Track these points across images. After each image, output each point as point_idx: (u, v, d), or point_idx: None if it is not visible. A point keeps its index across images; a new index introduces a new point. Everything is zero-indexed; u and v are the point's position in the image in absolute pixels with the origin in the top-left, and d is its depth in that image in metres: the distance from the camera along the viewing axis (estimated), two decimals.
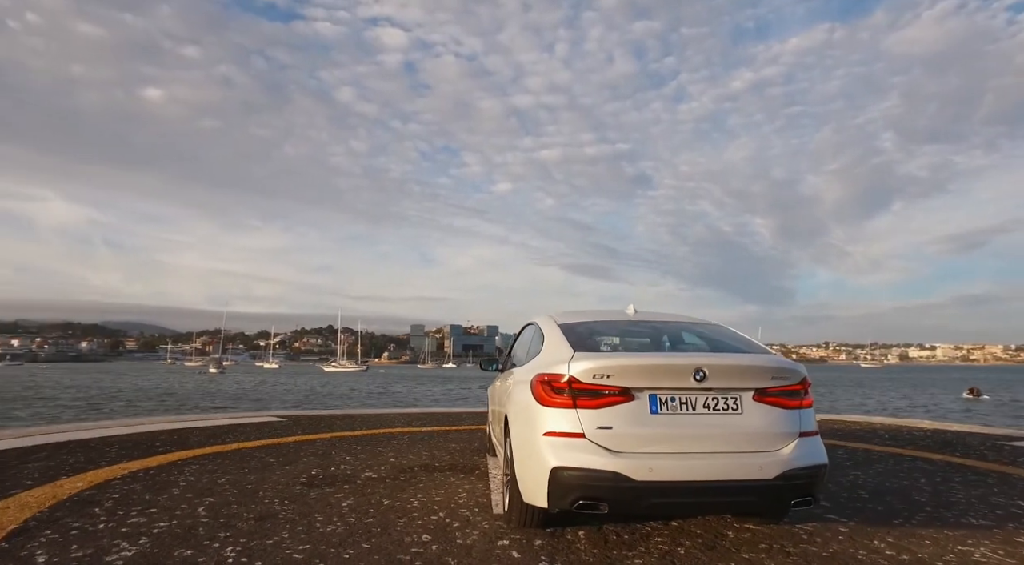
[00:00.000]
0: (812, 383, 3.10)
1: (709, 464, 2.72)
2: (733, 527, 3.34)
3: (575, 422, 2.77)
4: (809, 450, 2.88)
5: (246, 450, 5.83)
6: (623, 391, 2.80)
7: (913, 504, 3.94)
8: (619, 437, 2.75)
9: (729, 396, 2.85)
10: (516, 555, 2.82)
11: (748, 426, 2.83)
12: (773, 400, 2.89)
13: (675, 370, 2.83)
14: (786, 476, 2.76)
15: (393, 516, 3.50)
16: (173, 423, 8.08)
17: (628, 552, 2.88)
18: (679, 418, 2.80)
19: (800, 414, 2.94)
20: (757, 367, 2.94)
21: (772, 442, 2.83)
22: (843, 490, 4.35)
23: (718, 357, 3.00)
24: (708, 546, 2.99)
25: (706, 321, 3.79)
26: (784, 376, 2.93)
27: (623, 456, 2.71)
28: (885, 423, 9.46)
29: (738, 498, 2.80)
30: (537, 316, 3.96)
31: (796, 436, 2.89)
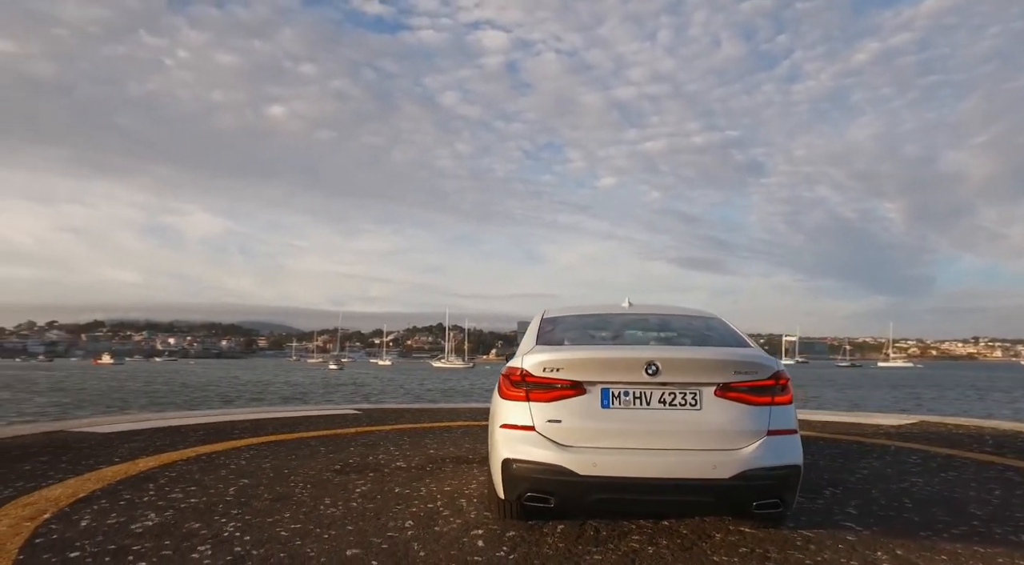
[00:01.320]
0: (791, 378, 2.88)
1: (659, 461, 2.63)
2: (725, 529, 3.18)
3: (527, 415, 2.80)
4: (777, 450, 2.69)
5: (306, 439, 6.32)
6: (574, 385, 2.77)
7: (961, 517, 3.52)
8: (568, 431, 2.73)
9: (687, 391, 2.74)
10: (481, 544, 2.90)
11: (707, 423, 2.70)
12: (737, 396, 2.73)
13: (626, 364, 2.76)
14: (746, 476, 2.60)
15: (394, 503, 3.68)
16: (260, 414, 8.89)
17: (593, 548, 2.85)
18: (631, 413, 2.73)
19: (771, 411, 2.75)
20: (717, 361, 2.79)
21: (734, 440, 2.68)
22: (886, 497, 3.97)
23: (672, 350, 2.90)
24: (683, 547, 2.89)
25: (703, 313, 3.62)
26: (749, 371, 2.76)
27: (570, 450, 2.70)
28: (1000, 428, 8.37)
29: (690, 498, 2.68)
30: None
31: (763, 434, 2.71)
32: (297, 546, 2.85)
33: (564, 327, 3.38)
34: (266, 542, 2.90)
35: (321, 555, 2.73)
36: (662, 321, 3.57)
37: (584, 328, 3.40)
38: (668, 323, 3.53)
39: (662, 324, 3.54)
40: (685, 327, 3.44)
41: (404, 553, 2.76)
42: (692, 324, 3.45)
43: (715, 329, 3.30)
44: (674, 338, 3.37)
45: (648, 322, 3.59)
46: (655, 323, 3.56)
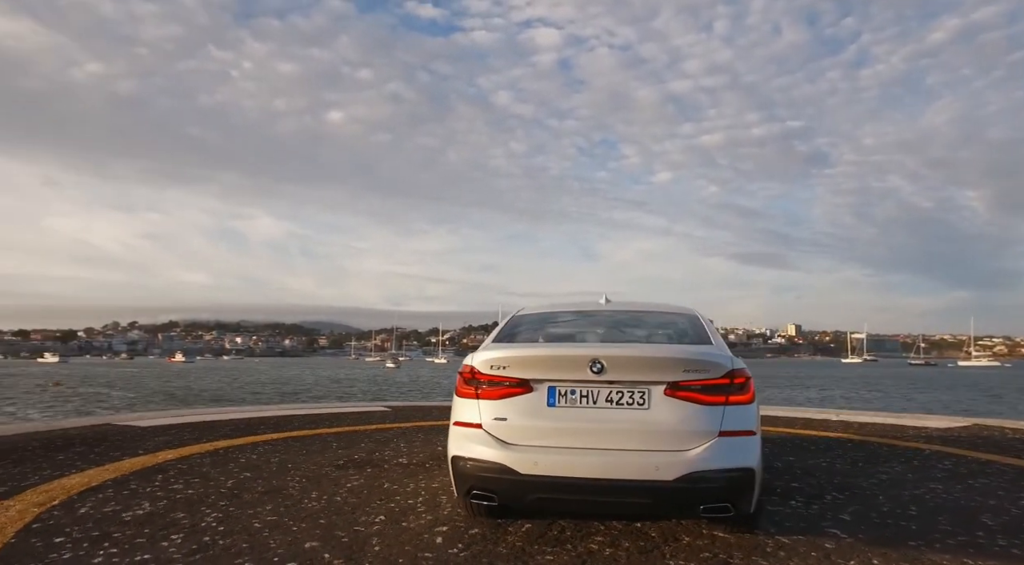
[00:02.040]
0: (753, 377, 2.75)
1: (601, 461, 2.55)
2: (698, 532, 3.07)
3: (475, 412, 2.79)
4: (729, 452, 2.57)
5: (323, 435, 6.51)
6: (521, 382, 2.74)
7: (966, 527, 3.28)
8: (513, 429, 2.71)
9: (635, 390, 2.65)
10: (439, 541, 2.91)
11: (654, 422, 2.60)
12: (687, 395, 2.62)
13: (572, 362, 2.70)
14: (691, 479, 2.50)
15: (376, 498, 3.75)
16: (292, 410, 9.21)
17: (550, 548, 2.82)
18: (577, 412, 2.67)
19: (724, 411, 2.62)
20: (665, 359, 2.69)
21: (682, 441, 2.58)
22: (891, 504, 3.74)
23: (618, 348, 2.80)
24: (644, 550, 2.81)
25: (680, 310, 3.49)
26: (700, 369, 2.64)
27: (513, 448, 2.67)
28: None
29: (631, 499, 2.59)
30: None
31: (714, 435, 2.59)
32: (263, 537, 2.95)
33: (527, 325, 3.34)
34: (236, 533, 3.02)
35: (281, 546, 2.81)
36: (631, 318, 3.48)
37: (546, 326, 3.35)
38: (635, 320, 3.44)
39: (629, 321, 3.44)
40: (652, 324, 3.35)
41: (360, 547, 2.81)
42: (660, 321, 3.35)
43: (683, 326, 3.18)
44: (634, 335, 3.28)
45: (615, 319, 3.50)
46: (621, 320, 3.47)
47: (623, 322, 3.45)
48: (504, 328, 3.26)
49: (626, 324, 3.43)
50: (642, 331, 3.29)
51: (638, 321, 3.43)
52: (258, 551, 2.75)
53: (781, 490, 4.12)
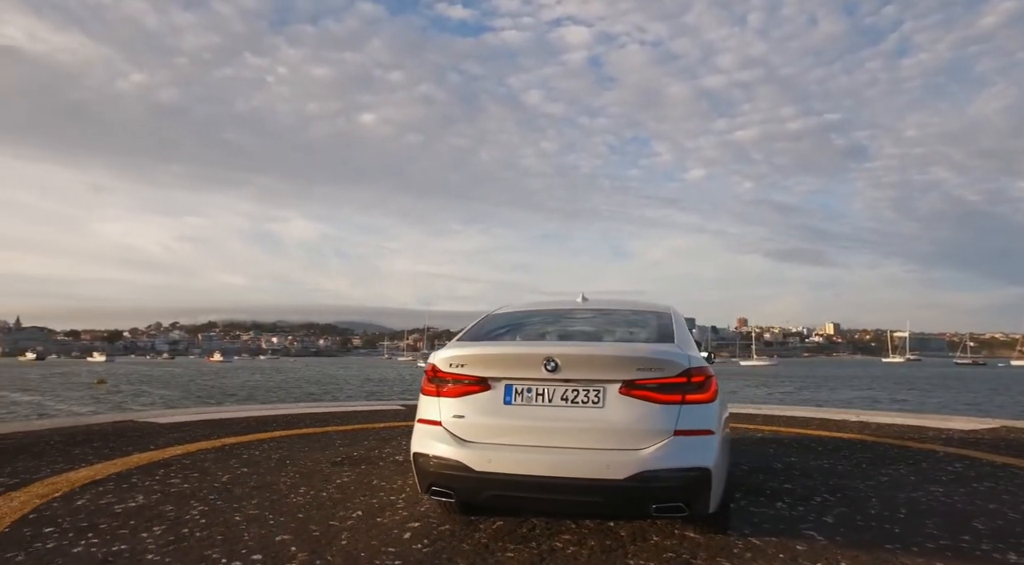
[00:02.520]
0: (714, 376, 2.70)
1: (553, 459, 2.55)
2: (668, 532, 3.05)
3: (436, 410, 2.82)
4: (683, 451, 2.53)
5: (330, 433, 6.64)
6: (479, 380, 2.76)
7: (953, 531, 3.17)
8: (470, 426, 2.73)
9: (591, 388, 2.64)
10: (407, 537, 2.96)
11: (609, 421, 2.58)
12: (642, 394, 2.59)
13: (526, 360, 2.71)
14: (643, 478, 2.47)
15: (361, 494, 3.82)
16: (307, 408, 9.43)
17: (514, 545, 2.83)
18: (533, 410, 2.67)
19: (680, 410, 2.59)
20: (619, 357, 2.66)
21: (636, 440, 2.55)
22: (882, 506, 3.64)
23: (572, 346, 2.79)
24: (607, 549, 2.81)
25: (654, 308, 3.45)
26: (655, 367, 2.60)
27: (469, 446, 2.69)
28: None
29: (583, 498, 2.57)
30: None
31: (668, 435, 2.55)
32: (239, 530, 3.04)
33: (496, 324, 3.36)
34: (215, 525, 3.12)
35: (253, 539, 2.90)
36: (601, 316, 3.46)
37: (514, 324, 3.35)
38: (605, 318, 3.42)
39: (598, 319, 3.43)
40: (620, 322, 3.32)
41: (328, 541, 2.88)
42: (629, 319, 3.32)
43: (651, 325, 3.14)
44: (596, 334, 3.26)
45: (585, 318, 3.48)
46: (591, 319, 3.45)
47: (591, 320, 3.43)
48: (473, 326, 3.29)
49: (594, 322, 3.41)
50: (607, 329, 3.27)
51: (607, 319, 3.41)
52: (230, 543, 2.84)
53: (771, 491, 4.04)
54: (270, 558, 2.65)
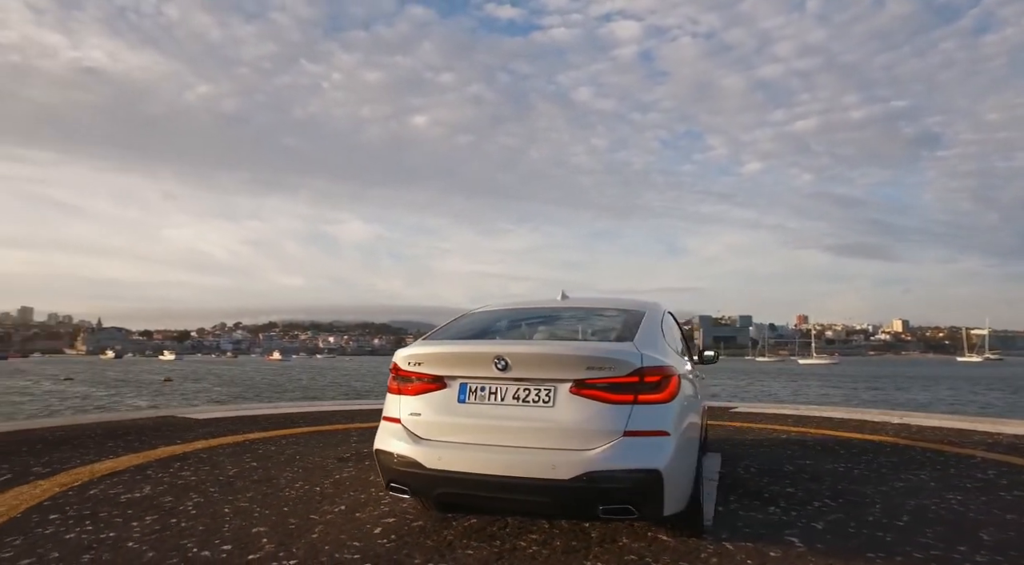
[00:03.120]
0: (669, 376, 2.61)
1: (501, 458, 2.53)
2: (640, 535, 2.99)
3: (397, 408, 2.86)
4: (632, 452, 2.46)
5: (351, 430, 6.81)
6: (435, 379, 2.78)
7: (953, 541, 2.98)
8: (426, 424, 2.75)
9: (541, 388, 2.60)
10: (377, 531, 3.02)
11: (558, 421, 2.54)
12: (592, 393, 2.54)
13: (478, 358, 2.70)
14: (590, 478, 2.42)
15: (351, 489, 3.91)
16: (337, 406, 9.73)
17: (477, 543, 2.84)
18: (485, 408, 2.67)
19: (631, 410, 2.52)
20: (568, 356, 2.62)
21: (585, 440, 2.50)
22: (884, 514, 3.45)
23: (522, 345, 2.76)
24: (569, 550, 2.78)
25: (629, 306, 3.36)
26: (605, 367, 2.54)
27: (424, 443, 2.71)
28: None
29: (529, 497, 2.53)
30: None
31: (618, 435, 2.49)
32: (222, 521, 3.17)
33: (467, 322, 3.36)
34: (202, 517, 3.26)
35: (231, 530, 3.02)
36: (573, 314, 3.40)
37: (483, 323, 3.34)
38: (577, 316, 3.37)
39: (568, 317, 3.37)
40: (588, 320, 3.27)
41: (300, 534, 2.97)
42: (600, 317, 3.26)
43: (618, 322, 3.07)
44: (555, 332, 3.22)
45: (555, 316, 3.44)
46: (562, 317, 3.40)
47: (561, 319, 3.39)
48: (445, 325, 3.31)
49: (562, 321, 3.37)
50: (572, 328, 3.23)
51: (576, 318, 3.36)
52: (208, 534, 2.97)
53: (770, 495, 3.90)
54: (239, 548, 2.75)
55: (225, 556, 2.66)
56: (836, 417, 8.43)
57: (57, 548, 2.75)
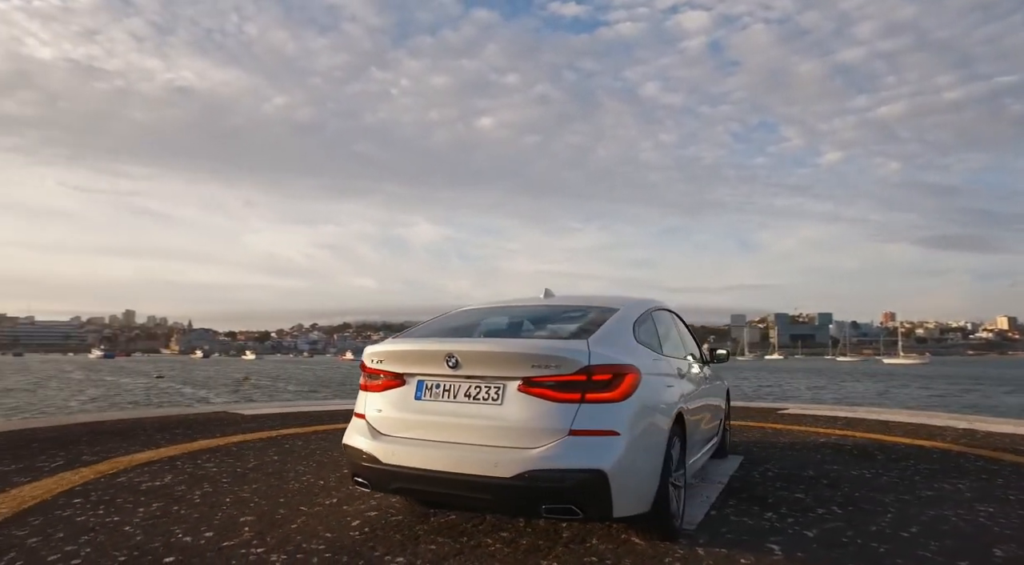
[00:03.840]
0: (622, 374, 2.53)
1: (449, 455, 2.55)
2: (611, 536, 2.93)
3: (363, 404, 2.94)
4: (576, 452, 2.41)
5: None
6: (396, 376, 2.84)
7: (957, 556, 2.74)
8: (386, 420, 2.81)
9: (492, 385, 2.61)
10: (355, 523, 3.11)
11: (505, 419, 2.54)
12: (539, 391, 2.51)
13: (430, 356, 2.73)
14: (529, 477, 2.39)
15: (349, 484, 4.03)
16: None
17: (444, 539, 2.87)
18: (437, 405, 2.70)
19: (578, 409, 2.47)
20: (513, 354, 2.59)
21: (529, 438, 2.48)
22: (893, 523, 3.22)
23: (470, 343, 2.75)
24: (532, 549, 2.75)
25: (607, 303, 3.28)
26: (551, 365, 2.50)
27: (382, 439, 2.77)
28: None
29: (473, 494, 2.54)
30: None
31: (563, 434, 2.45)
32: (217, 510, 3.35)
33: (437, 321, 3.39)
34: (202, 505, 3.46)
35: (220, 519, 3.18)
36: (545, 312, 3.35)
37: (455, 321, 3.34)
38: (548, 314, 3.31)
39: (538, 316, 3.32)
40: (558, 318, 3.22)
41: (280, 525, 3.09)
42: (571, 315, 3.20)
43: (584, 320, 3.01)
44: (515, 330, 3.19)
45: (527, 314, 3.39)
46: (533, 315, 3.35)
47: (532, 316, 3.36)
48: (421, 324, 3.36)
49: (531, 318, 3.33)
50: (537, 325, 3.19)
51: (549, 315, 3.31)
52: (199, 521, 3.15)
53: (774, 500, 3.72)
54: (219, 535, 2.91)
55: (203, 542, 2.82)
56: (894, 420, 7.90)
57: (64, 529, 3.01)
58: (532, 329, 3.20)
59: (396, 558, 2.62)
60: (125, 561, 2.58)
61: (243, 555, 2.65)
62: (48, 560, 2.60)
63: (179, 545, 2.78)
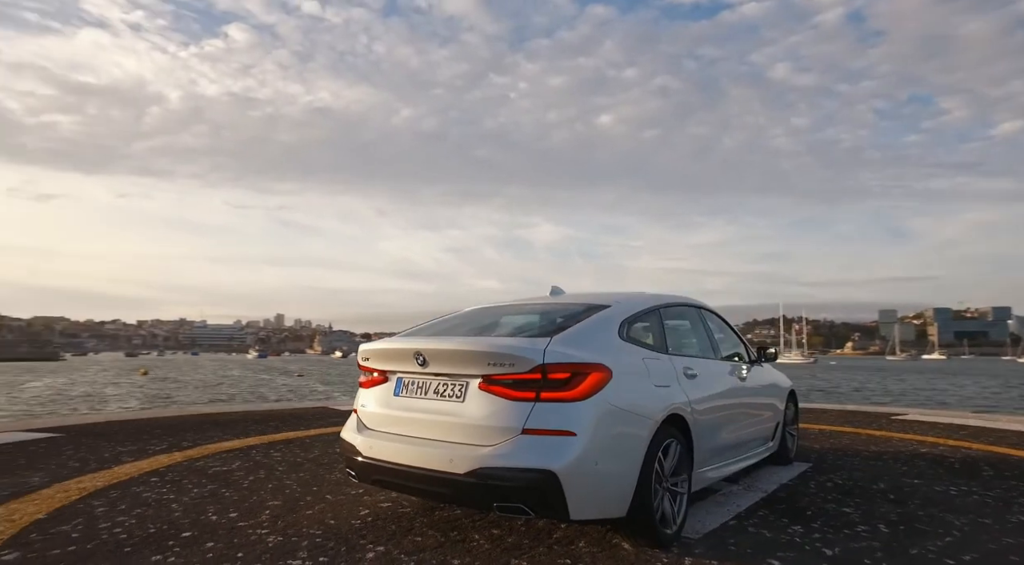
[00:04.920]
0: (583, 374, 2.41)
1: (416, 450, 2.62)
2: (600, 540, 2.83)
3: (358, 400, 3.08)
4: (526, 451, 2.37)
5: None
6: (381, 373, 2.96)
7: None
8: (371, 415, 2.94)
9: (456, 383, 2.64)
10: (365, 512, 3.27)
11: (466, 416, 2.56)
12: (496, 390, 2.51)
13: (403, 354, 2.81)
14: (480, 475, 2.39)
15: None
16: None
17: (434, 532, 2.93)
18: (411, 402, 2.78)
19: (532, 408, 2.42)
20: (471, 352, 2.60)
21: (485, 436, 2.48)
22: (941, 547, 2.80)
23: (435, 342, 2.76)
24: (512, 547, 2.74)
25: (600, 300, 3.16)
26: (506, 363, 2.48)
27: (366, 432, 2.90)
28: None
29: (433, 488, 2.59)
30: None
31: (516, 433, 2.41)
32: (256, 494, 3.67)
33: (439, 320, 3.43)
34: (246, 490, 3.81)
35: (252, 502, 3.49)
36: (538, 311, 3.27)
37: (450, 321, 3.36)
38: (538, 312, 3.22)
39: (527, 314, 3.24)
40: (544, 316, 3.13)
41: (299, 510, 3.33)
42: (557, 313, 3.09)
43: (559, 318, 2.97)
44: (489, 329, 3.13)
45: (521, 313, 3.32)
46: (524, 313, 3.28)
47: (521, 316, 3.29)
48: (420, 324, 3.45)
49: (521, 317, 3.27)
50: (518, 324, 3.12)
51: (539, 314, 3.23)
52: (234, 503, 3.47)
53: (813, 513, 3.38)
54: (241, 516, 3.20)
55: (224, 521, 3.13)
56: (1014, 431, 6.75)
57: (128, 503, 3.47)
58: (509, 328, 3.18)
59: (377, 547, 2.74)
60: (154, 532, 2.94)
61: (247, 534, 2.91)
62: (100, 527, 3.03)
63: (203, 522, 3.11)
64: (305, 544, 2.78)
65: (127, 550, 2.70)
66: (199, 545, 2.76)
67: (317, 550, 2.69)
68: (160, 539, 2.84)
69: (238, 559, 2.58)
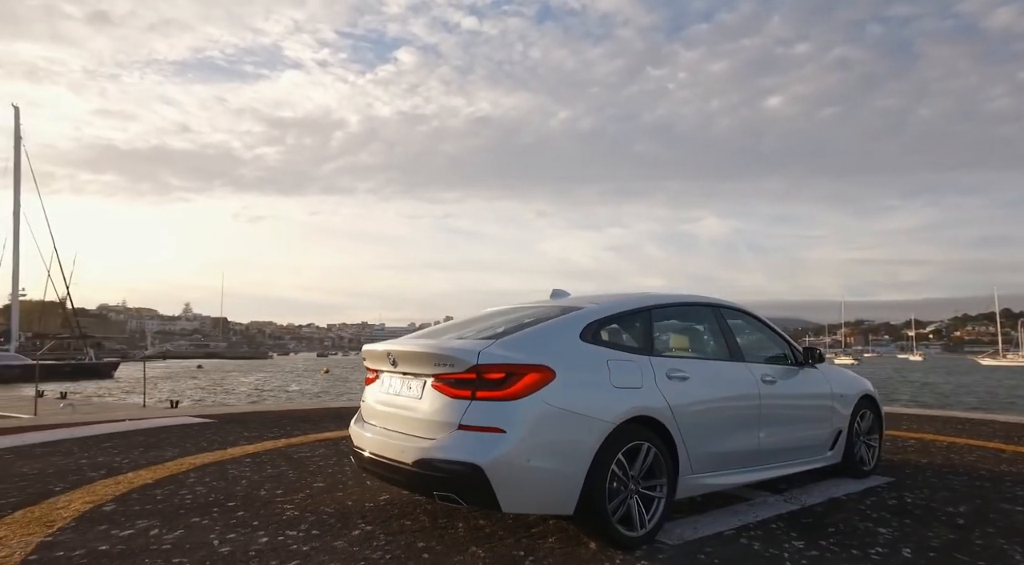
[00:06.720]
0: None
1: (383, 440, 2.91)
2: (569, 538, 2.87)
3: (364, 395, 3.43)
4: (459, 445, 2.54)
5: None
6: (374, 372, 3.30)
7: None
8: (365, 409, 3.31)
9: (416, 381, 2.88)
10: (382, 498, 3.62)
11: (420, 411, 2.80)
12: (442, 388, 2.72)
13: (380, 355, 3.10)
14: (422, 464, 2.63)
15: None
16: None
17: (424, 517, 3.18)
18: (388, 397, 3.07)
19: (468, 405, 2.58)
20: (424, 353, 2.83)
21: (431, 430, 2.70)
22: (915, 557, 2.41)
23: (399, 344, 3.03)
24: (484, 537, 2.89)
25: (584, 303, 3.16)
26: (447, 363, 2.70)
27: (359, 424, 3.26)
28: None
29: (391, 475, 2.87)
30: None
31: (453, 428, 2.60)
32: (308, 475, 4.21)
33: (442, 325, 3.67)
34: (303, 471, 4.36)
35: (300, 483, 4.02)
36: (523, 314, 3.28)
37: (449, 324, 3.61)
38: (522, 315, 3.26)
39: (510, 317, 3.28)
40: (521, 318, 3.16)
41: (335, 491, 3.79)
42: (532, 316, 3.14)
43: (524, 321, 3.08)
44: (467, 330, 3.21)
45: (506, 316, 3.35)
46: (509, 317, 3.31)
47: (506, 317, 3.34)
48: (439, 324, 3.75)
49: (500, 320, 3.32)
50: (491, 326, 3.17)
51: (519, 317, 3.24)
52: (286, 482, 4.02)
53: (838, 529, 3.10)
54: (283, 494, 3.73)
55: (266, 495, 3.68)
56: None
57: (213, 476, 4.21)
58: (479, 330, 3.26)
59: (366, 526, 3.07)
60: (212, 500, 3.58)
61: (274, 507, 3.41)
62: (181, 492, 3.74)
63: (251, 496, 3.68)
64: (312, 519, 3.20)
65: (182, 512, 3.34)
66: (233, 513, 3.32)
67: (317, 525, 3.09)
68: (211, 506, 3.46)
69: (252, 526, 3.08)
